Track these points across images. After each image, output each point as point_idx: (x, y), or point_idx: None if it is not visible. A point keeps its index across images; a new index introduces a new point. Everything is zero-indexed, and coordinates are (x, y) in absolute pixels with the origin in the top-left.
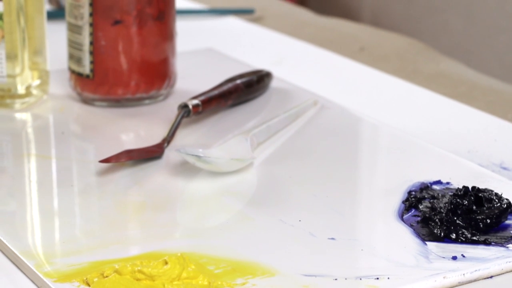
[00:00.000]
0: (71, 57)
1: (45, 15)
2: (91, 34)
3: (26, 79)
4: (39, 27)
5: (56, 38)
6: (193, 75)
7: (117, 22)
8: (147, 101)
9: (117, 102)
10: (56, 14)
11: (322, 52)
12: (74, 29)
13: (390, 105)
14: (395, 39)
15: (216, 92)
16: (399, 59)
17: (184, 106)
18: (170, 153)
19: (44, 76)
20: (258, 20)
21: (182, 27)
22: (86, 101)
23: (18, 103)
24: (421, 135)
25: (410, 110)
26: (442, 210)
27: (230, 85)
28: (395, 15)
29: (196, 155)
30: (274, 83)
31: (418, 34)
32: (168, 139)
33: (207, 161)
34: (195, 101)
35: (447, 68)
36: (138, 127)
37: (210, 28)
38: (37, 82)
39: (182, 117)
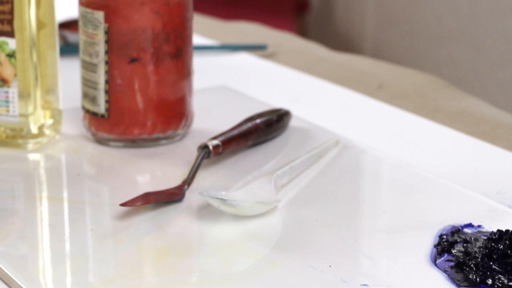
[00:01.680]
0: (85, 96)
1: (57, 52)
2: (107, 72)
3: (38, 119)
4: (52, 65)
5: (65, 75)
6: (209, 113)
7: (133, 60)
8: (163, 141)
9: (133, 143)
10: (64, 50)
11: (339, 90)
12: (88, 67)
13: (412, 144)
14: (414, 76)
15: (235, 132)
16: (419, 97)
17: (204, 147)
18: (191, 196)
19: (56, 115)
20: (271, 56)
21: (193, 63)
22: (100, 141)
23: (30, 144)
24: (447, 176)
25: (433, 149)
26: (477, 255)
27: (249, 124)
28: (397, 48)
29: (221, 199)
30: (292, 122)
31: (421, 67)
32: (188, 181)
33: (232, 204)
34: (215, 142)
35: (469, 106)
36: (154, 168)
37: (222, 65)
38: (49, 121)
39: (203, 158)
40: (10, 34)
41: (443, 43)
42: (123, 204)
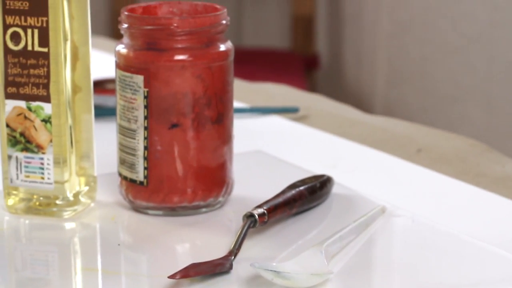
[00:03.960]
0: (123, 162)
1: (92, 116)
2: (146, 138)
3: (73, 186)
4: (87, 129)
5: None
6: (246, 179)
7: (174, 126)
8: (204, 209)
9: (172, 211)
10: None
11: (377, 154)
12: (126, 132)
13: (457, 210)
14: (454, 140)
15: (280, 200)
16: (460, 161)
17: (249, 216)
18: (238, 267)
19: (91, 182)
20: (303, 119)
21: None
22: (138, 209)
23: (65, 212)
24: (499, 244)
25: (479, 216)
26: None
27: (293, 192)
28: (410, 106)
29: (274, 271)
30: (333, 188)
31: (434, 125)
32: (235, 252)
33: (286, 277)
34: (261, 210)
35: None
36: (194, 237)
37: (254, 128)
38: (85, 188)
39: (248, 227)
40: (46, 98)
41: (458, 101)
42: (171, 276)
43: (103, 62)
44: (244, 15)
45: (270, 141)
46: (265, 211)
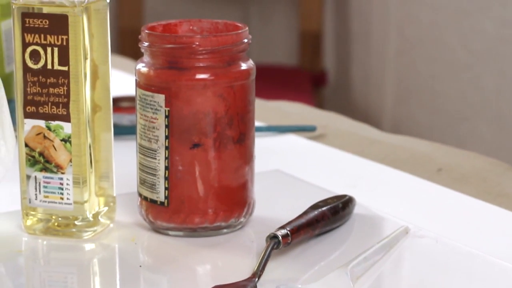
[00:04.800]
0: (143, 182)
1: (112, 135)
2: (167, 158)
3: (93, 206)
4: (106, 149)
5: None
6: (266, 199)
7: (195, 146)
8: (225, 230)
9: (193, 231)
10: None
11: (397, 174)
12: (147, 152)
13: (480, 230)
14: (474, 159)
15: (303, 220)
16: (482, 181)
17: (273, 237)
18: None
19: (111, 203)
20: (320, 138)
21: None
22: (158, 229)
23: (85, 232)
24: None
25: (503, 236)
26: None
27: (316, 212)
28: (418, 122)
29: None
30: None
31: (442, 142)
32: (258, 273)
33: None
34: (284, 231)
35: None
36: (215, 259)
37: (271, 147)
38: (104, 209)
39: (272, 249)
40: (66, 118)
41: (467, 118)
42: None
43: (114, 80)
44: (251, 32)
45: (288, 160)
46: (289, 232)
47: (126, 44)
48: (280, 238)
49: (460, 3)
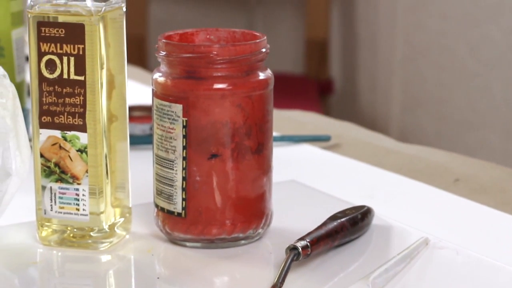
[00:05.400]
0: (160, 193)
1: (128, 145)
2: (184, 169)
3: (109, 217)
4: (122, 159)
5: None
6: (283, 210)
7: (213, 156)
8: (242, 242)
9: (210, 243)
10: None
11: (414, 184)
12: (164, 163)
13: (499, 241)
14: (492, 169)
15: (322, 231)
16: (500, 191)
17: (293, 249)
18: None
19: (126, 213)
20: (335, 148)
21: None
22: (174, 241)
23: (101, 244)
24: None
25: None
26: None
27: (335, 223)
28: (425, 131)
29: None
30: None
31: (450, 151)
32: (278, 285)
33: None
34: (304, 243)
35: None
36: (233, 270)
37: (285, 157)
38: (120, 220)
39: (292, 260)
40: (82, 128)
41: (475, 127)
42: None
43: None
44: None
45: (303, 171)
46: (308, 244)
47: (130, 52)
48: (300, 249)
49: (469, 11)
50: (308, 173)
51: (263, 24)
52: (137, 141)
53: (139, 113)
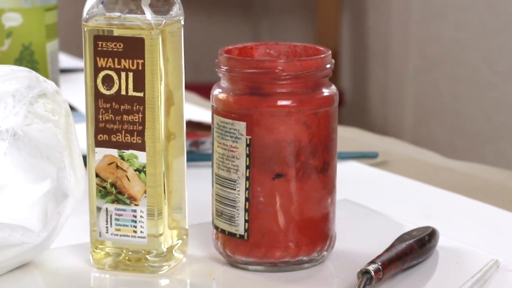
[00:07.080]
0: (220, 214)
1: (185, 165)
2: (248, 189)
3: (167, 239)
4: (179, 178)
5: None
6: (341, 231)
7: (278, 176)
8: (306, 265)
9: (274, 266)
10: None
11: (472, 202)
12: (225, 183)
13: None
14: None
15: (393, 254)
16: None
17: (365, 273)
18: None
19: (183, 235)
20: (383, 165)
21: None
22: (235, 264)
23: (158, 267)
24: None
25: None
26: None
27: (404, 245)
28: (439, 144)
29: None
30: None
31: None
32: None
33: None
34: (375, 266)
35: None
36: None
37: None
38: (178, 242)
39: (365, 285)
40: (141, 147)
41: (491, 139)
42: None
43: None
44: None
45: (354, 189)
46: (380, 267)
47: None
48: (373, 273)
49: (484, 21)
50: (360, 192)
51: (269, 33)
52: (189, 158)
53: (189, 129)
